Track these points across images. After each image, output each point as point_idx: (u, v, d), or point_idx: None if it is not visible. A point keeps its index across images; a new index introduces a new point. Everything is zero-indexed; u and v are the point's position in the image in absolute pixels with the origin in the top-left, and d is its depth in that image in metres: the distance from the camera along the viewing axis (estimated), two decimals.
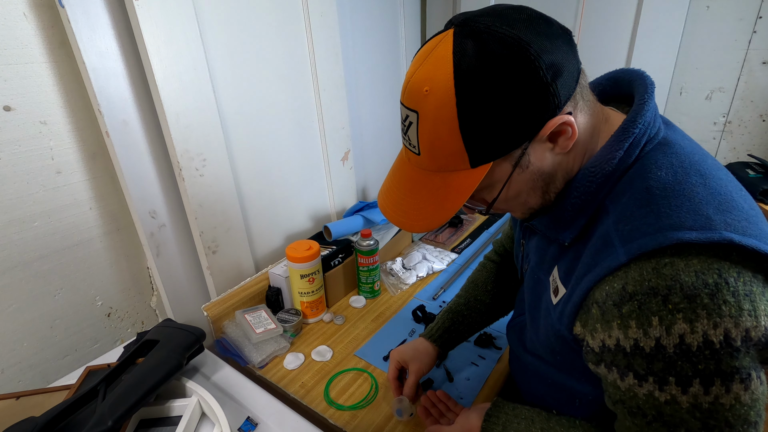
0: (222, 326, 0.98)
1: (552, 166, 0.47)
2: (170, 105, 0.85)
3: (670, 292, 0.37)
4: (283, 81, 1.10)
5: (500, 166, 0.46)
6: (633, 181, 0.44)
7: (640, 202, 0.42)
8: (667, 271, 0.38)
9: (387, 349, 0.94)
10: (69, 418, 0.65)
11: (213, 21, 0.91)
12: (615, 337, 0.41)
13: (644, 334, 0.39)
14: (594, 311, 0.43)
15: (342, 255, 1.12)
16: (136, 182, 0.89)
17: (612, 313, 0.41)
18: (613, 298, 0.41)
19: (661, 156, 0.45)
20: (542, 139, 0.45)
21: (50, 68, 0.78)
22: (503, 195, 0.49)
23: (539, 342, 0.58)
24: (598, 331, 0.43)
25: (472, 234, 1.47)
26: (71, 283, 0.88)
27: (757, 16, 1.14)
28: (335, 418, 0.78)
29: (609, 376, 0.44)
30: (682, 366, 0.38)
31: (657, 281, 0.38)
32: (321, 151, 1.28)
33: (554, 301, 0.51)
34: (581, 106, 0.46)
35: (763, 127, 1.24)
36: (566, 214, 0.49)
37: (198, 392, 0.72)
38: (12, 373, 0.83)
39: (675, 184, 0.42)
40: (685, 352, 0.37)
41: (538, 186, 0.49)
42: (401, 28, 1.54)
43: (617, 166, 0.45)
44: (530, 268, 0.60)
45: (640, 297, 0.39)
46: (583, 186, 0.47)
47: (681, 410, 0.39)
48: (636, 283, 0.39)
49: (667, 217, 0.39)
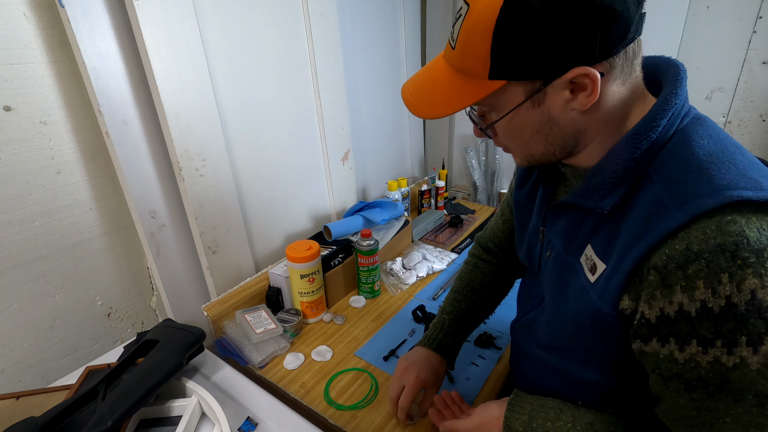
0: (222, 326, 0.98)
1: (565, 119, 0.47)
2: (170, 105, 0.85)
3: (738, 247, 0.37)
4: (283, 81, 1.10)
5: (514, 89, 0.46)
6: (676, 149, 0.44)
7: (689, 168, 0.42)
8: (731, 228, 0.37)
9: (387, 349, 0.94)
10: (69, 418, 0.65)
11: (213, 21, 0.91)
12: (677, 302, 0.40)
13: (713, 293, 0.38)
14: (652, 278, 0.42)
15: (342, 255, 1.12)
16: (136, 182, 0.89)
17: (675, 276, 0.40)
18: (676, 260, 0.39)
19: (699, 127, 0.45)
20: (563, 84, 0.44)
21: (50, 68, 0.78)
22: (507, 123, 0.49)
23: (564, 331, 0.56)
24: (656, 299, 0.41)
25: (472, 234, 1.47)
26: (71, 283, 0.88)
27: (757, 16, 1.14)
28: (335, 418, 0.78)
29: (663, 351, 0.42)
30: (754, 323, 0.37)
31: (723, 238, 0.37)
32: (321, 151, 1.28)
33: (592, 279, 0.49)
34: (618, 74, 0.45)
35: (763, 127, 1.24)
36: (607, 181, 0.48)
37: (198, 392, 0.72)
38: (12, 373, 0.83)
39: (718, 152, 0.42)
40: (757, 308, 0.36)
41: (543, 131, 0.49)
42: (401, 28, 1.54)
43: (661, 134, 0.45)
44: (554, 254, 0.58)
45: (707, 255, 0.38)
46: (626, 152, 0.46)
47: (751, 372, 0.38)
48: (701, 241, 0.38)
49: (720, 179, 0.40)
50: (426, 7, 1.67)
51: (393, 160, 1.68)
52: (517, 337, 0.73)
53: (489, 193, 1.79)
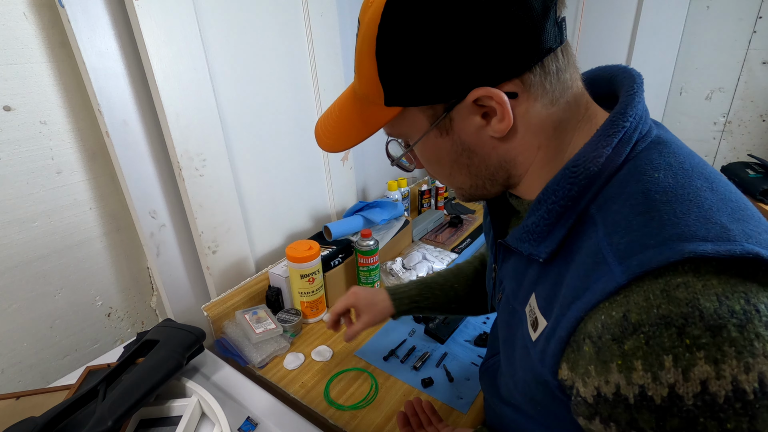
0: (222, 326, 0.98)
1: (484, 147, 0.41)
2: (170, 105, 0.85)
3: (686, 322, 0.29)
4: (283, 81, 1.10)
5: (415, 116, 0.41)
6: (625, 185, 0.36)
7: (637, 209, 0.34)
8: (681, 295, 0.29)
9: (387, 349, 0.94)
10: (69, 418, 0.65)
11: (213, 21, 0.91)
12: (614, 383, 0.32)
13: (653, 379, 0.29)
14: (586, 349, 0.34)
15: (342, 255, 1.12)
16: (136, 182, 0.89)
17: (610, 351, 0.32)
18: (611, 330, 0.32)
19: (656, 155, 0.37)
20: (468, 108, 0.39)
21: (50, 68, 0.78)
22: (421, 153, 0.45)
23: (516, 389, 0.47)
24: (591, 376, 0.33)
25: (472, 234, 1.47)
26: (71, 283, 0.88)
27: (757, 16, 1.14)
28: (335, 418, 0.78)
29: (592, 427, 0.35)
30: (705, 424, 0.28)
31: (669, 308, 0.29)
32: (321, 152, 1.28)
33: (533, 336, 0.41)
34: (539, 93, 0.38)
35: (763, 127, 1.24)
36: (542, 223, 0.40)
37: (198, 392, 0.72)
38: (12, 373, 0.83)
39: (677, 188, 0.34)
40: (709, 405, 0.28)
41: (462, 162, 0.43)
42: None
43: (604, 165, 0.37)
44: (504, 297, 0.50)
45: (647, 329, 0.30)
46: (562, 189, 0.38)
47: None
48: (641, 310, 0.30)
49: (674, 226, 0.31)
50: None
51: None
52: (483, 383, 0.65)
53: None
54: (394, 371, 0.88)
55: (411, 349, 0.94)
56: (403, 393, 0.83)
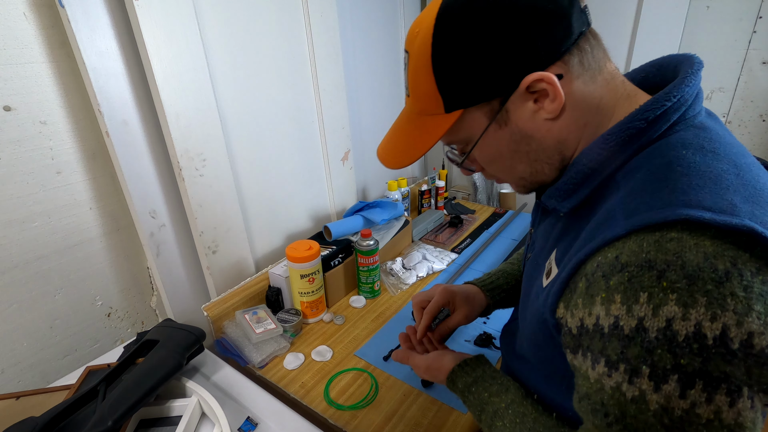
0: (222, 326, 0.98)
1: (538, 131, 0.45)
2: (170, 105, 0.85)
3: (668, 267, 0.32)
4: (283, 81, 1.10)
5: (474, 116, 0.45)
6: (652, 156, 0.39)
7: (656, 177, 0.37)
8: (670, 246, 0.33)
9: (387, 349, 0.94)
10: (69, 418, 0.65)
11: (213, 21, 0.91)
12: (595, 315, 0.36)
13: (627, 311, 0.34)
14: (580, 285, 0.39)
15: (342, 255, 1.12)
16: (136, 182, 0.89)
17: (598, 285, 0.36)
18: (603, 269, 0.36)
19: (691, 136, 0.39)
20: (523, 95, 0.43)
21: (50, 68, 0.78)
22: (482, 152, 0.49)
23: (526, 338, 0.53)
24: (578, 308, 0.38)
25: (472, 234, 1.47)
26: (71, 283, 0.88)
27: (757, 16, 1.14)
28: (335, 418, 0.78)
29: (582, 366, 0.39)
30: (661, 355, 0.32)
31: (656, 254, 0.33)
32: (321, 151, 1.28)
33: (545, 283, 0.47)
34: (580, 72, 0.43)
35: (763, 127, 1.24)
36: (569, 182, 0.45)
37: (198, 392, 0.72)
38: (12, 373, 0.83)
39: (701, 166, 0.36)
40: (669, 339, 0.32)
41: (521, 150, 0.46)
42: (401, 29, 1.54)
43: (636, 136, 0.41)
44: (533, 255, 0.55)
45: (632, 269, 0.34)
46: (592, 153, 0.43)
47: (647, 412, 0.33)
48: (632, 253, 0.34)
49: (683, 194, 0.34)
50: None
51: None
52: (502, 343, 0.70)
53: (489, 193, 1.79)
54: (394, 371, 0.88)
55: None
56: (403, 393, 0.83)
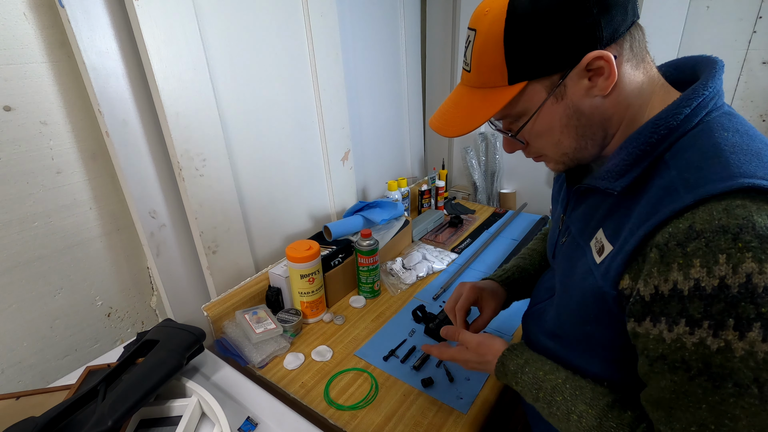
0: (222, 326, 0.98)
1: (590, 107, 0.49)
2: (170, 105, 0.85)
3: (741, 230, 0.37)
4: (283, 81, 1.10)
5: (535, 89, 0.49)
6: (698, 138, 0.44)
7: (708, 155, 0.42)
8: (739, 212, 0.37)
9: (387, 349, 0.94)
10: (69, 418, 0.65)
11: (213, 21, 0.91)
12: (672, 281, 0.40)
13: (708, 273, 0.38)
14: (652, 255, 0.42)
15: (342, 255, 1.12)
16: (136, 182, 0.89)
17: (674, 254, 0.40)
18: (677, 237, 0.40)
19: (726, 121, 0.45)
20: (580, 72, 0.47)
21: (50, 68, 0.78)
22: (536, 124, 0.52)
23: (568, 314, 0.57)
24: (653, 276, 0.42)
25: (472, 234, 1.47)
26: (71, 283, 0.88)
27: (757, 16, 1.14)
28: (335, 418, 0.78)
29: (653, 331, 0.43)
30: (744, 307, 0.36)
31: (728, 220, 0.37)
32: (321, 151, 1.28)
33: (598, 260, 0.50)
34: (629, 56, 0.48)
35: (763, 127, 1.24)
36: (621, 164, 0.49)
37: (198, 392, 0.72)
38: (12, 373, 0.83)
39: (743, 144, 0.42)
40: (750, 292, 0.36)
41: (572, 125, 0.51)
42: (401, 28, 1.54)
43: (682, 122, 0.46)
44: (569, 239, 0.60)
45: (708, 234, 0.38)
46: (644, 136, 0.47)
47: (734, 359, 0.37)
48: (705, 222, 0.38)
49: (737, 167, 0.39)
50: (426, 7, 1.67)
51: (393, 160, 1.68)
52: (527, 326, 0.74)
53: (489, 193, 1.79)
54: (394, 371, 0.88)
55: (411, 349, 0.94)
56: (403, 393, 0.83)
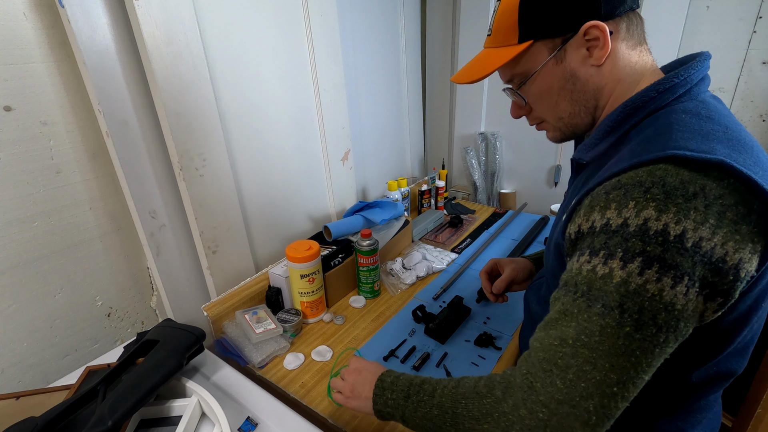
0: (222, 326, 0.98)
1: (585, 75, 0.56)
2: (170, 105, 0.85)
3: (653, 185, 0.43)
4: (283, 81, 1.10)
5: (539, 49, 0.56)
6: (658, 118, 0.50)
7: (659, 132, 0.48)
8: (657, 173, 0.43)
9: (387, 349, 0.94)
10: (69, 418, 0.65)
11: (213, 21, 0.91)
12: (591, 220, 0.47)
13: (618, 214, 0.44)
14: (585, 202, 0.49)
15: (342, 255, 1.12)
16: (136, 182, 0.89)
17: (599, 199, 0.47)
18: (606, 188, 0.46)
19: (691, 106, 0.50)
20: (579, 41, 0.54)
21: (50, 68, 0.78)
22: (535, 85, 0.59)
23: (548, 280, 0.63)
24: (580, 217, 0.49)
25: (472, 234, 1.47)
26: (71, 283, 0.88)
27: (757, 16, 1.14)
28: (335, 418, 0.78)
29: (569, 263, 0.49)
30: (634, 243, 0.42)
31: (646, 177, 0.43)
32: (321, 151, 1.28)
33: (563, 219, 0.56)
34: (626, 36, 0.54)
35: (763, 127, 1.24)
36: (594, 137, 0.56)
37: (198, 392, 0.72)
38: (12, 373, 0.83)
39: (695, 125, 0.47)
40: (643, 232, 0.42)
41: (567, 88, 0.57)
42: (401, 28, 1.54)
43: (647, 103, 0.52)
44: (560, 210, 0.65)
45: (628, 186, 0.44)
46: (615, 114, 0.54)
47: (610, 284, 0.43)
48: (629, 177, 0.45)
49: (675, 141, 0.45)
50: (426, 7, 1.67)
51: (393, 160, 1.68)
52: (527, 295, 0.79)
53: (489, 193, 1.79)
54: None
55: (411, 349, 0.94)
56: None
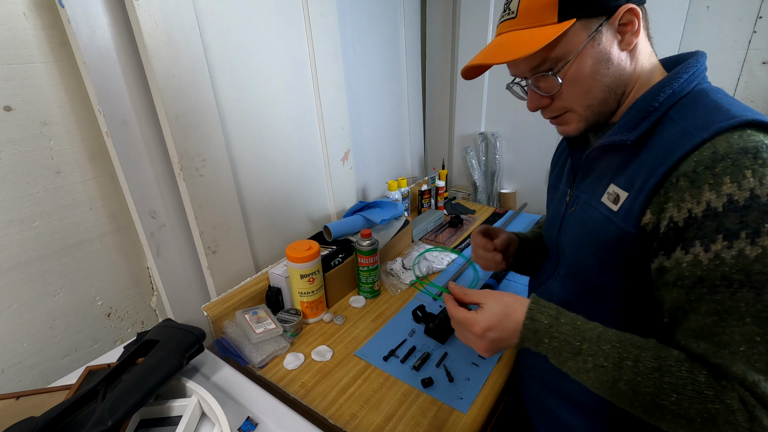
0: (222, 326, 0.98)
1: (616, 59, 0.55)
2: (170, 105, 0.85)
3: (759, 150, 0.43)
4: (283, 81, 1.10)
5: (578, 30, 0.54)
6: (696, 99, 0.52)
7: (710, 108, 0.49)
8: (752, 137, 0.44)
9: (387, 349, 0.94)
10: (69, 418, 0.65)
11: (213, 21, 0.91)
12: (705, 201, 0.44)
13: (738, 187, 0.43)
14: (682, 183, 0.46)
15: (342, 255, 1.12)
16: (136, 182, 0.89)
17: (704, 176, 0.45)
18: (704, 163, 0.45)
19: (713, 90, 0.53)
20: (614, 24, 0.54)
21: (50, 68, 0.78)
22: (574, 67, 0.56)
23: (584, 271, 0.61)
24: (685, 201, 0.46)
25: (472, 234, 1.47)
26: (71, 283, 0.88)
27: (757, 16, 1.14)
28: (335, 418, 0.78)
29: (685, 259, 0.46)
30: None
31: (746, 143, 0.43)
32: (321, 151, 1.28)
33: (615, 208, 0.54)
34: (645, 26, 0.56)
35: None
36: (633, 119, 0.55)
37: (198, 392, 0.72)
38: (12, 373, 0.83)
39: (732, 102, 0.49)
40: None
41: (602, 72, 0.55)
42: (401, 28, 1.54)
43: (683, 85, 0.53)
44: (579, 207, 0.63)
45: (733, 155, 0.43)
46: (651, 96, 0.54)
47: None
48: (726, 147, 0.44)
49: (738, 111, 0.47)
50: (426, 7, 1.67)
51: (393, 160, 1.68)
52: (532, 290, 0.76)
53: (489, 193, 1.79)
54: (394, 371, 0.88)
55: (411, 349, 0.94)
56: (403, 393, 0.83)
